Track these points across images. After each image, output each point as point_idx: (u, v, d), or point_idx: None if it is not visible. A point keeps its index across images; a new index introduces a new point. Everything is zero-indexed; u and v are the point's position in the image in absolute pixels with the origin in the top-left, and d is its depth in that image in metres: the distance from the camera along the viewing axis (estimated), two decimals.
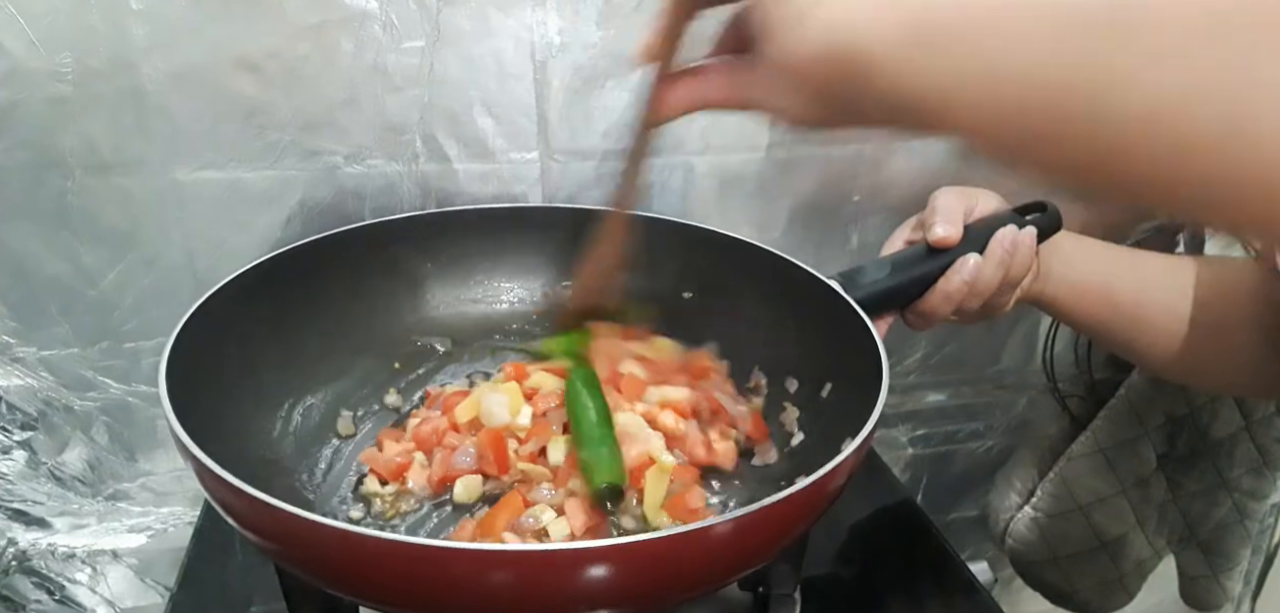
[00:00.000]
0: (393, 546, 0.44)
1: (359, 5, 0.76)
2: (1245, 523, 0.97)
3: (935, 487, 1.16)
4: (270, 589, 0.62)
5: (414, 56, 0.79)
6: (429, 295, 0.83)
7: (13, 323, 0.80)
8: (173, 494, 0.90)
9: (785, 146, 0.90)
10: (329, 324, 0.75)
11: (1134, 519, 0.99)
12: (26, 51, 0.71)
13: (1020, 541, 1.03)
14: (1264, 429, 0.92)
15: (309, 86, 0.78)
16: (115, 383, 0.84)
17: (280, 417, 0.68)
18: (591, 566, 0.44)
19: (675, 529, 0.46)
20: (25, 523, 0.87)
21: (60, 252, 0.78)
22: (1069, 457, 1.00)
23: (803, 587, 0.65)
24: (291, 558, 0.51)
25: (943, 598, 0.75)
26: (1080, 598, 1.03)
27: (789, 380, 0.74)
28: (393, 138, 0.82)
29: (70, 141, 0.75)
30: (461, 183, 0.85)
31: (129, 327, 0.82)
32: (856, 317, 0.66)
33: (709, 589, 0.50)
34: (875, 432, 0.55)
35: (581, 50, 0.82)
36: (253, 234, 0.81)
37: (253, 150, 0.79)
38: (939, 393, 1.10)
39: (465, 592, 0.45)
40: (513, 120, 0.84)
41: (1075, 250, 0.77)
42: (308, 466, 0.67)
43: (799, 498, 0.48)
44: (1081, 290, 0.77)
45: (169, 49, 0.74)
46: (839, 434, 0.55)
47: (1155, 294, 0.75)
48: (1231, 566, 1.00)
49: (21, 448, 0.84)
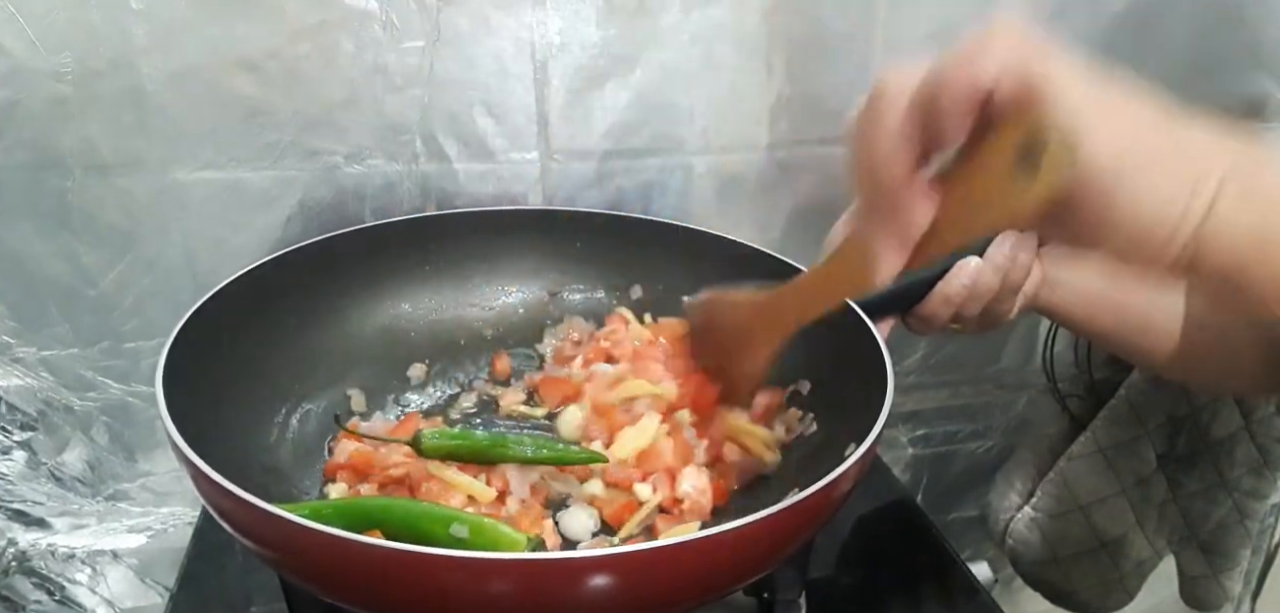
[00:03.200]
0: (390, 553, 0.44)
1: (359, 5, 0.76)
2: (1245, 523, 0.97)
3: (935, 487, 1.16)
4: (270, 590, 0.62)
5: (414, 56, 0.79)
6: (428, 298, 0.82)
7: (13, 323, 0.80)
8: (173, 494, 0.90)
9: (785, 147, 0.90)
10: (327, 328, 0.75)
11: (1134, 519, 0.99)
12: (26, 51, 0.71)
13: (1020, 541, 1.03)
14: (1264, 429, 0.92)
15: (309, 86, 0.77)
16: (115, 383, 0.84)
17: (278, 422, 0.68)
18: (593, 575, 0.44)
19: (677, 538, 0.46)
20: (25, 523, 0.87)
21: (60, 252, 0.78)
22: (1069, 457, 1.00)
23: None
24: (288, 565, 0.51)
25: (943, 598, 0.75)
26: (1080, 598, 1.03)
27: (791, 384, 0.74)
28: (393, 138, 0.81)
29: (70, 142, 0.75)
30: (461, 183, 0.84)
31: (129, 327, 0.82)
32: (859, 320, 0.66)
33: (713, 597, 0.50)
34: (880, 438, 0.54)
35: (581, 50, 0.82)
36: (253, 234, 0.81)
37: (253, 150, 0.79)
38: (939, 393, 1.10)
39: (464, 600, 0.45)
40: (513, 120, 0.83)
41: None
42: (306, 472, 0.67)
43: (803, 506, 0.48)
44: (1090, 298, 0.76)
45: (169, 49, 0.74)
46: (843, 439, 0.55)
47: (1162, 297, 0.75)
48: (1231, 566, 1.00)
49: (21, 448, 0.84)
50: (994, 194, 0.38)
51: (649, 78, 0.84)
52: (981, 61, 0.36)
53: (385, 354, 0.78)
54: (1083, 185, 0.37)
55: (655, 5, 0.82)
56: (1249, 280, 0.39)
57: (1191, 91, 1.05)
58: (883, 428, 0.55)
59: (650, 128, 0.86)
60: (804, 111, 0.89)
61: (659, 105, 0.86)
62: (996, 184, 0.38)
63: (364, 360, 0.76)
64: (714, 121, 0.87)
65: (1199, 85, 0.97)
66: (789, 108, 0.88)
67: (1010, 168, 0.37)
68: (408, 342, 0.80)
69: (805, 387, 0.73)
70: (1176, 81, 1.03)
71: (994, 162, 0.38)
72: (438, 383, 0.80)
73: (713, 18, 0.83)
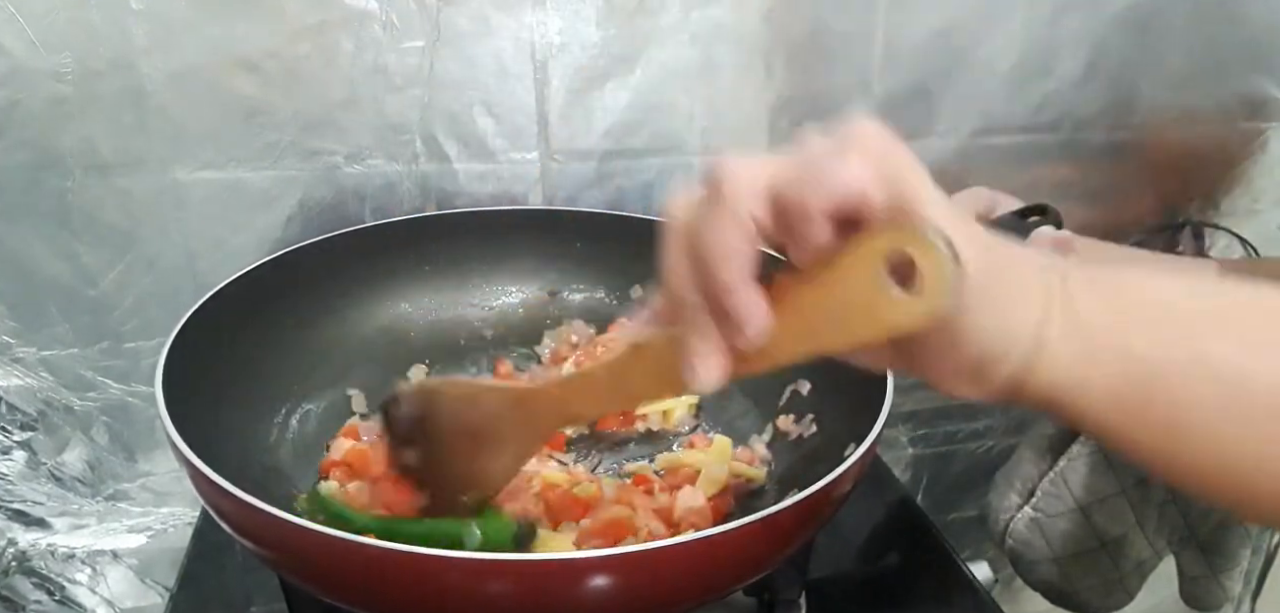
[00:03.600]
0: (390, 553, 0.44)
1: (359, 5, 0.76)
2: (1245, 523, 0.97)
3: (935, 487, 1.16)
4: (270, 590, 0.62)
5: (414, 56, 0.79)
6: (428, 299, 0.82)
7: (13, 323, 0.80)
8: (173, 494, 0.90)
9: (785, 147, 0.89)
10: (327, 328, 0.75)
11: (1134, 519, 0.98)
12: (26, 51, 0.71)
13: (1020, 541, 1.03)
14: None
15: (309, 86, 0.77)
16: (115, 383, 0.84)
17: (278, 422, 0.68)
18: (593, 575, 0.44)
19: (676, 539, 0.46)
20: (25, 523, 0.87)
21: (60, 252, 0.78)
22: (1069, 457, 1.00)
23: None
24: (287, 566, 0.51)
25: (943, 598, 0.75)
26: (1080, 598, 1.02)
27: (791, 384, 0.74)
28: (393, 138, 0.81)
29: (70, 142, 0.74)
30: (461, 183, 0.84)
31: (129, 327, 0.82)
32: None
33: (713, 597, 0.50)
34: (880, 438, 0.54)
35: (581, 50, 0.82)
36: (253, 234, 0.81)
37: (253, 150, 0.79)
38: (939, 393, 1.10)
39: (464, 600, 0.45)
40: (513, 120, 0.83)
41: (1091, 255, 0.77)
42: (305, 472, 0.67)
43: (803, 506, 0.48)
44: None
45: (169, 49, 0.74)
46: (842, 439, 0.55)
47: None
48: (1231, 566, 1.00)
49: (21, 448, 0.84)
50: (858, 308, 0.35)
51: (649, 78, 0.84)
52: (851, 163, 0.34)
53: (385, 354, 0.78)
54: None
55: (655, 5, 0.82)
56: (1068, 407, 0.38)
57: (1191, 91, 1.05)
58: (883, 428, 0.55)
59: (650, 128, 0.86)
60: (804, 112, 0.89)
61: (659, 105, 0.86)
62: (862, 297, 0.35)
63: (364, 360, 0.76)
64: (714, 122, 0.87)
65: (1199, 85, 0.97)
66: (789, 108, 0.88)
67: (877, 279, 0.34)
68: (408, 342, 0.80)
69: (805, 387, 0.73)
70: (1177, 81, 1.04)
71: (857, 272, 0.35)
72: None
73: (713, 18, 0.83)
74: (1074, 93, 0.94)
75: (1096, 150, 0.97)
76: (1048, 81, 0.93)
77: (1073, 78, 0.93)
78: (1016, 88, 0.93)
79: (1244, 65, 0.97)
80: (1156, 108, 0.97)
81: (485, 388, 0.56)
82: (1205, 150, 1.02)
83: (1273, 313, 0.38)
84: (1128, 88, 0.95)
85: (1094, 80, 0.94)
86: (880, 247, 0.34)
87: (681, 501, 0.64)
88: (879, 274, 0.34)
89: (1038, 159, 0.96)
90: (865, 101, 0.89)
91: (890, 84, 0.89)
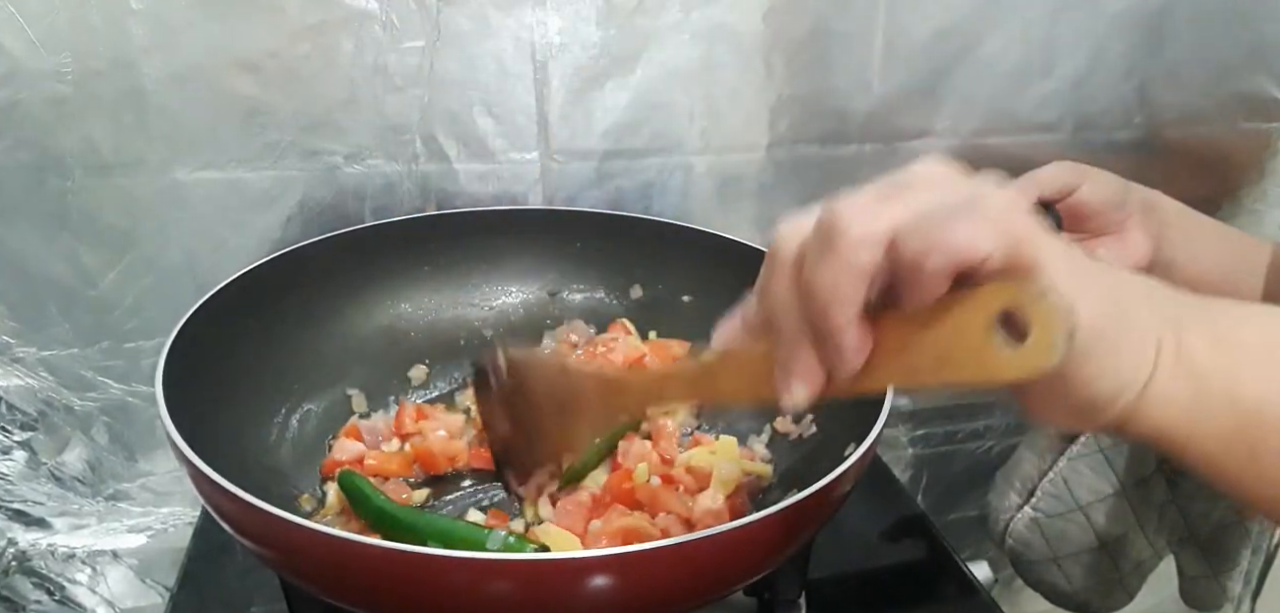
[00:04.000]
0: (390, 553, 0.44)
1: (359, 5, 0.76)
2: (1245, 523, 0.97)
3: (935, 487, 1.16)
4: (271, 590, 0.62)
5: (414, 56, 0.79)
6: (428, 299, 0.82)
7: (13, 323, 0.80)
8: (173, 494, 0.90)
9: (785, 147, 0.90)
10: (327, 328, 0.75)
11: (1134, 519, 0.98)
12: (26, 51, 0.71)
13: (1020, 541, 1.03)
14: None
15: (309, 86, 0.77)
16: (115, 383, 0.84)
17: (278, 422, 0.68)
18: (593, 575, 0.44)
19: (677, 538, 0.46)
20: (25, 523, 0.87)
21: (60, 252, 0.78)
22: (1069, 457, 1.00)
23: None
24: (288, 566, 0.51)
25: (943, 598, 0.75)
26: (1080, 598, 1.02)
27: None
28: (393, 138, 0.81)
29: (70, 142, 0.74)
30: (461, 183, 0.84)
31: (129, 327, 0.82)
32: None
33: (713, 597, 0.50)
34: (880, 437, 0.54)
35: (581, 50, 0.82)
36: (253, 234, 0.81)
37: (253, 150, 0.79)
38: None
39: (464, 600, 0.45)
40: (513, 120, 0.83)
41: (1180, 222, 0.78)
42: (306, 472, 0.67)
43: (803, 506, 0.48)
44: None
45: (169, 49, 0.74)
46: (842, 439, 0.55)
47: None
48: (1231, 566, 1.00)
49: (21, 448, 0.84)
50: (962, 353, 0.35)
51: (649, 78, 0.84)
52: (975, 228, 0.33)
53: (385, 354, 0.78)
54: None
55: (655, 5, 0.82)
56: (1175, 447, 0.38)
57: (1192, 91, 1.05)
58: (883, 428, 0.55)
59: (650, 128, 0.86)
60: (804, 111, 0.89)
61: (659, 105, 0.86)
62: (968, 343, 0.35)
63: (364, 360, 0.77)
64: (714, 122, 0.87)
65: (1200, 85, 0.97)
66: (789, 108, 0.88)
67: (986, 330, 0.34)
68: (408, 342, 0.80)
69: None
70: (1178, 82, 1.04)
71: (968, 322, 0.35)
72: (438, 383, 0.80)
73: (713, 18, 0.83)
74: (1074, 92, 0.94)
75: (1097, 150, 0.97)
76: (1048, 81, 0.93)
77: (1073, 77, 0.93)
78: (1017, 87, 0.93)
79: (1245, 65, 0.97)
80: (1158, 108, 0.97)
81: (576, 368, 0.59)
82: (1206, 151, 1.02)
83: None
84: (1128, 88, 0.96)
85: (1094, 80, 0.94)
86: (994, 303, 0.34)
87: (701, 502, 0.65)
88: (990, 327, 0.34)
89: (1038, 159, 0.96)
90: (865, 101, 0.89)
91: (890, 84, 0.89)
